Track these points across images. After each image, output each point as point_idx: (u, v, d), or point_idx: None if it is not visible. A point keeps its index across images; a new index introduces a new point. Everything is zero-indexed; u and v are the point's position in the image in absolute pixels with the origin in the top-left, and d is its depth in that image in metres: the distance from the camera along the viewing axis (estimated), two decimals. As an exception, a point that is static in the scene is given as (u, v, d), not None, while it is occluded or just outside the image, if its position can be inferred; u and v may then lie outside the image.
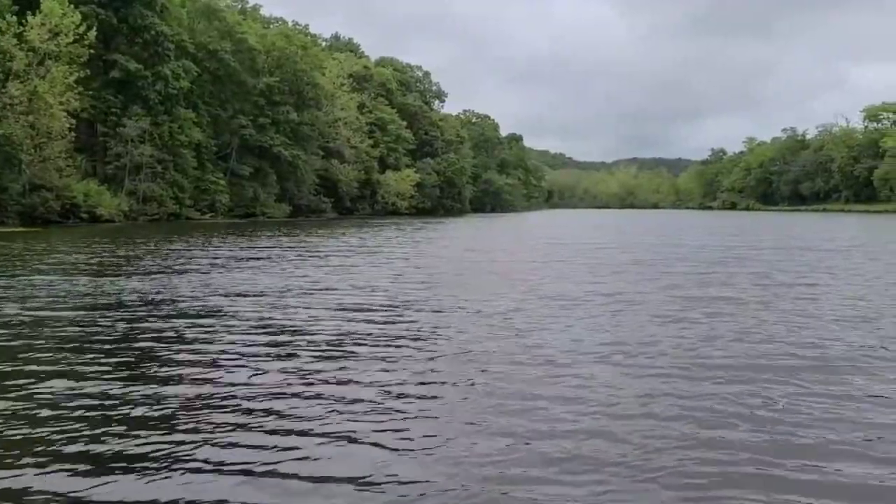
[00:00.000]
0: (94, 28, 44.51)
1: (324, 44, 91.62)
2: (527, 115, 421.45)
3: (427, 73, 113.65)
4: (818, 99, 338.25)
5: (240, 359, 6.76)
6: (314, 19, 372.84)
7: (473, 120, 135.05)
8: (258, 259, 17.72)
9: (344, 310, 9.64)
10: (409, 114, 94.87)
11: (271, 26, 75.49)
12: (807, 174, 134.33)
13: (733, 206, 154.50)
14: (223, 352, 7.07)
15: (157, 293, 11.10)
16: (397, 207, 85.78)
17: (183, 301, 10.33)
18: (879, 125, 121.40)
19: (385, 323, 8.71)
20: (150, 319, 8.85)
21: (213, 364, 6.57)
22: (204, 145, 58.35)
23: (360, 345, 7.43)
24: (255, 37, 64.66)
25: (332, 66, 77.23)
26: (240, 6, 78.13)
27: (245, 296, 10.93)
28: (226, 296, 10.90)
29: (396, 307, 9.94)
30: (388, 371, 6.38)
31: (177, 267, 15.37)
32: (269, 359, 6.81)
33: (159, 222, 50.02)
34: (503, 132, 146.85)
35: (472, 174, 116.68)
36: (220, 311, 9.52)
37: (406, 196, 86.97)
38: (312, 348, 7.24)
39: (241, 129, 62.35)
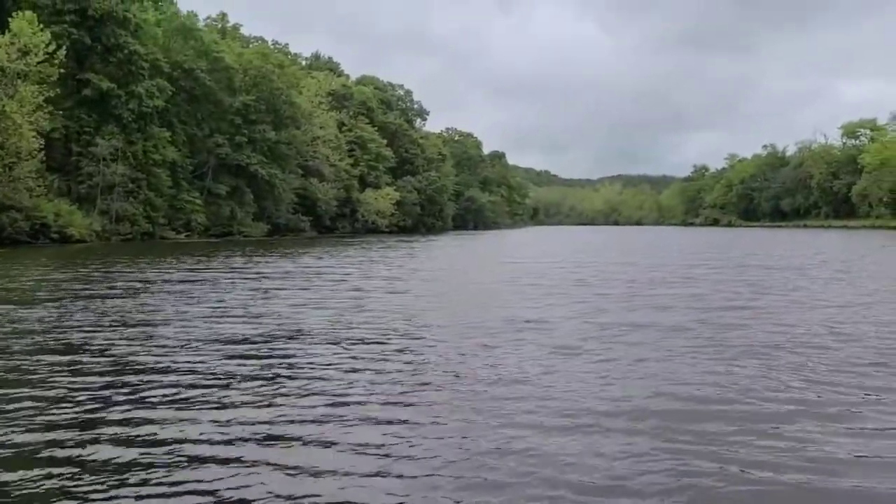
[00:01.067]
0: (65, 47, 44.37)
1: (304, 62, 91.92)
2: (512, 130, 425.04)
3: (409, 92, 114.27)
4: (800, 114, 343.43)
5: (61, 401, 6.40)
6: (298, 36, 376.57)
7: (456, 138, 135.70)
8: (188, 282, 17.14)
9: (211, 342, 9.04)
10: (390, 132, 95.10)
11: (250, 45, 75.56)
12: (787, 190, 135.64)
13: (716, 223, 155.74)
14: (54, 394, 6.67)
15: (47, 322, 10.63)
16: (378, 226, 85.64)
17: (64, 332, 9.83)
18: (857, 141, 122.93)
19: (248, 358, 8.14)
20: (14, 356, 8.38)
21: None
22: (179, 164, 58.11)
23: (197, 386, 6.90)
24: (231, 55, 64.67)
25: (309, 84, 77.33)
26: (220, 25, 78.45)
27: (127, 326, 10.43)
28: (113, 326, 10.40)
29: (277, 339, 9.36)
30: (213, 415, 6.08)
31: (97, 291, 14.85)
32: (86, 399, 6.44)
33: (132, 242, 49.56)
34: (488, 148, 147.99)
35: (455, 192, 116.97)
36: (84, 344, 9.02)
37: (386, 214, 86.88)
38: (137, 388, 6.82)
39: (218, 147, 62.18)
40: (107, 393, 6.61)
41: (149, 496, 4.29)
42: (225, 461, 4.84)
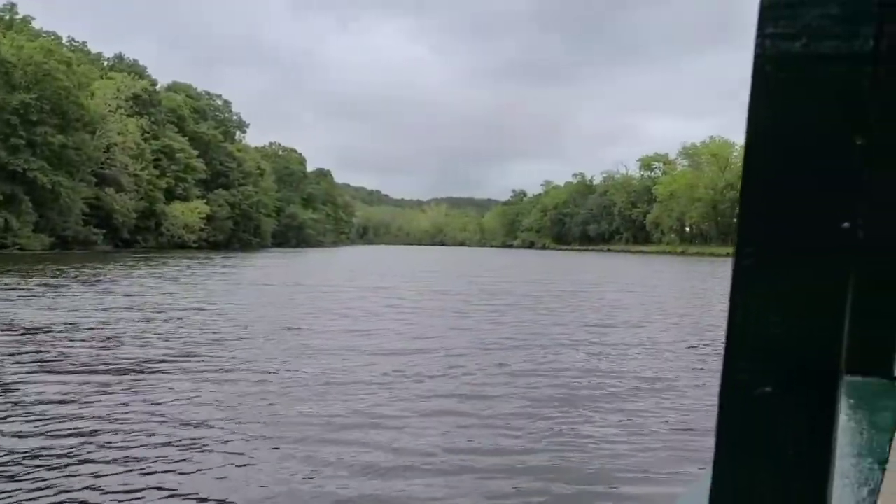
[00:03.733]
0: None
1: (105, 63, 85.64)
2: (345, 149, 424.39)
3: (227, 102, 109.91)
4: (612, 146, 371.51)
5: None
6: (126, 44, 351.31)
7: (280, 153, 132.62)
8: None
9: None
10: (203, 143, 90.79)
11: (40, 39, 68.99)
12: (593, 216, 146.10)
13: (532, 245, 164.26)
14: None
15: None
16: (185, 240, 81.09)
17: None
18: (652, 173, 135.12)
19: None
20: None
21: None
22: (-62, 166, 51.57)
23: None
24: (11, 48, 58.64)
25: (105, 86, 72.00)
26: (7, 17, 71.11)
27: None
28: None
29: None
30: None
31: None
32: None
33: None
34: (320, 166, 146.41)
35: (276, 208, 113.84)
36: None
37: (195, 229, 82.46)
38: None
39: (-11, 150, 55.91)
40: None
41: None
42: None
